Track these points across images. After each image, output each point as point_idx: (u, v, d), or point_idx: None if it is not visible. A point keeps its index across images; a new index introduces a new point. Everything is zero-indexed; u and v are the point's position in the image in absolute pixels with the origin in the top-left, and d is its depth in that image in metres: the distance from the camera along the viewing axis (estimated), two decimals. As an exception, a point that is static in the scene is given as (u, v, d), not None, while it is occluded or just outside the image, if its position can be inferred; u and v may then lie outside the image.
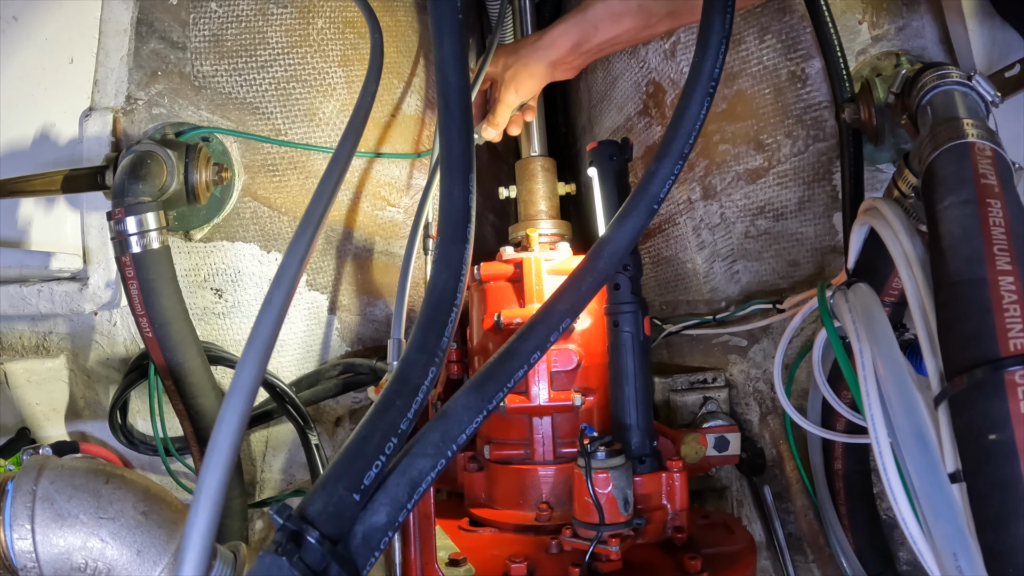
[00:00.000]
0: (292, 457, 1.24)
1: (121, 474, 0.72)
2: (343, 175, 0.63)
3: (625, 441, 0.93)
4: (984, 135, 0.69)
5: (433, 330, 0.59)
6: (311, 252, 0.57)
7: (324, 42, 1.16)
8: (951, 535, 0.55)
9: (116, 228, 0.96)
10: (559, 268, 1.11)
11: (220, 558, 0.69)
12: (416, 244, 1.07)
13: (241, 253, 1.15)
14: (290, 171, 1.16)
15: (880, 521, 1.07)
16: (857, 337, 0.72)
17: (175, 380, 0.99)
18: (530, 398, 1.02)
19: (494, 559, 0.89)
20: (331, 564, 0.50)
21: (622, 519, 0.86)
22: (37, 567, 0.66)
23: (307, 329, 1.21)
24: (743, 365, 1.18)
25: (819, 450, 1.08)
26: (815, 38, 1.06)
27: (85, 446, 1.14)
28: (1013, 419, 0.53)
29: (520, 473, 1.03)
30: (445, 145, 0.65)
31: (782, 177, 1.12)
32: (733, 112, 1.13)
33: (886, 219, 0.75)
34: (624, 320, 0.95)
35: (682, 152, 0.71)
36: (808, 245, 1.12)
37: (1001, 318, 0.56)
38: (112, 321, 1.13)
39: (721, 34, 0.73)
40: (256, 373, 0.50)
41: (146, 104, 1.10)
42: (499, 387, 0.60)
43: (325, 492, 0.52)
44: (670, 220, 1.25)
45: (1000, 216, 0.61)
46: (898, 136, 1.02)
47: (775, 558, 1.15)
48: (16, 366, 1.13)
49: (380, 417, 0.55)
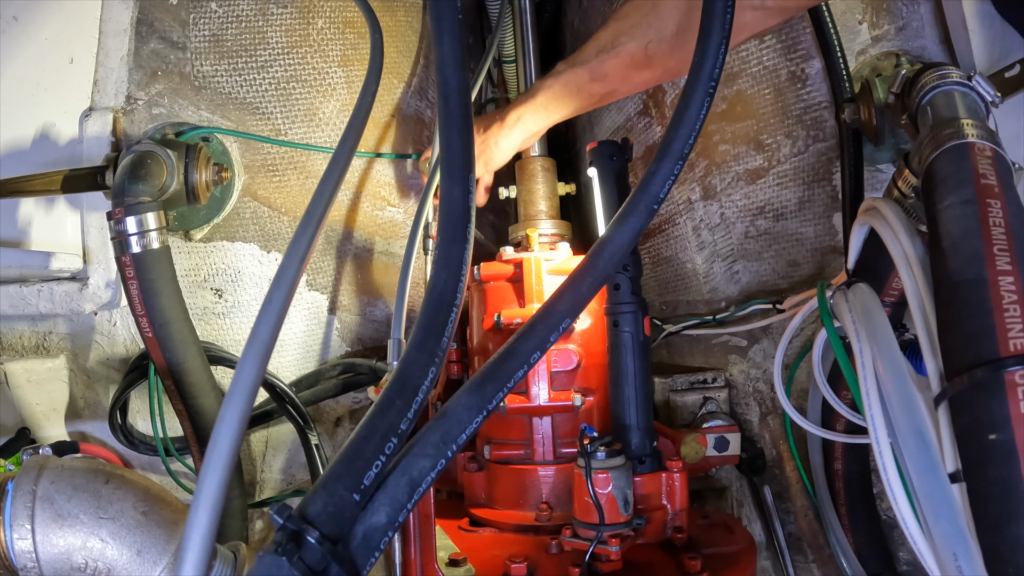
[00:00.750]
0: (292, 457, 1.24)
1: (121, 474, 0.72)
2: (343, 175, 0.63)
3: (625, 441, 0.93)
4: (984, 135, 0.69)
5: (433, 330, 0.59)
6: (311, 252, 0.57)
7: (324, 42, 1.16)
8: (951, 535, 0.55)
9: (116, 228, 0.96)
10: (559, 268, 1.11)
11: (220, 558, 0.69)
12: (416, 244, 1.07)
13: (241, 253, 1.15)
14: (290, 171, 1.16)
15: (880, 521, 1.07)
16: (857, 337, 0.72)
17: (175, 380, 0.99)
18: (530, 398, 1.02)
19: (494, 559, 0.89)
20: (331, 564, 0.50)
21: (622, 519, 0.86)
22: (37, 567, 0.66)
23: (307, 329, 1.21)
24: (743, 365, 1.18)
25: (819, 450, 1.08)
26: (815, 38, 1.06)
27: (85, 446, 1.14)
28: (1013, 419, 0.53)
29: (520, 473, 1.03)
30: (445, 145, 0.65)
31: (782, 177, 1.12)
32: (733, 112, 1.13)
33: (886, 219, 0.75)
34: (624, 320, 0.95)
35: (682, 152, 0.71)
36: (808, 245, 1.12)
37: (1001, 318, 0.56)
38: (112, 321, 1.13)
39: (721, 34, 0.73)
40: (256, 373, 0.50)
41: (146, 104, 1.10)
42: (499, 387, 0.60)
43: (325, 492, 0.52)
44: (670, 220, 1.25)
45: (1000, 216, 0.61)
46: (898, 136, 1.02)
47: (775, 558, 1.15)
48: (16, 366, 1.13)
49: (380, 417, 0.55)
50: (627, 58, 1.02)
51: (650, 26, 0.98)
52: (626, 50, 1.01)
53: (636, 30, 1.00)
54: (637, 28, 1.00)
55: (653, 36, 0.98)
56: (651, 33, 0.98)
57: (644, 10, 0.99)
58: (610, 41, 1.03)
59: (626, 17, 1.02)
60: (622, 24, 1.02)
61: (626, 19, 1.02)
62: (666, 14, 0.97)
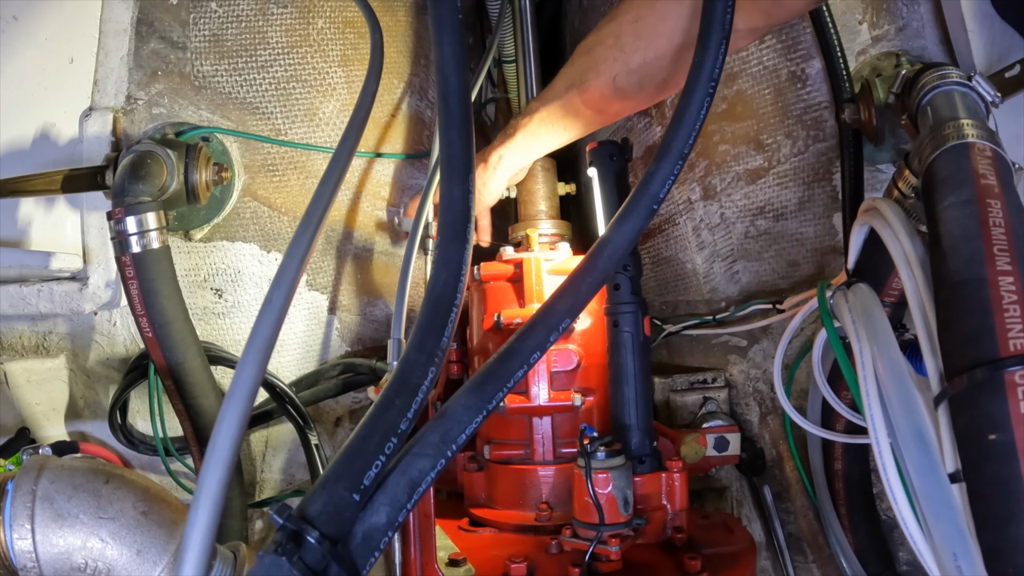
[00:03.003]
0: (292, 457, 1.24)
1: (121, 474, 0.72)
2: (343, 175, 0.63)
3: (625, 441, 0.93)
4: (984, 135, 0.69)
5: (433, 330, 0.59)
6: (311, 252, 0.57)
7: (324, 42, 1.16)
8: (951, 535, 0.55)
9: (116, 228, 0.96)
10: (559, 268, 1.11)
11: (220, 558, 0.69)
12: (416, 244, 1.07)
13: (241, 253, 1.15)
14: (290, 171, 1.16)
15: (880, 521, 1.07)
16: (857, 337, 0.72)
17: (175, 380, 0.99)
18: (530, 398, 1.02)
19: (494, 559, 0.89)
20: (331, 564, 0.50)
21: (622, 519, 0.86)
22: (37, 567, 0.66)
23: (307, 329, 1.21)
24: (743, 365, 1.18)
25: (819, 450, 1.08)
26: (815, 38, 1.06)
27: (85, 446, 1.14)
28: (1013, 419, 0.53)
29: (520, 473, 1.03)
30: (445, 145, 0.65)
31: (782, 177, 1.12)
32: (733, 112, 1.13)
33: (886, 219, 0.75)
34: (624, 320, 0.95)
35: (682, 152, 0.71)
36: (808, 245, 1.12)
37: (1001, 318, 0.56)
38: (112, 321, 1.13)
39: (721, 34, 0.73)
40: (256, 373, 0.50)
41: (146, 104, 1.10)
42: (499, 387, 0.60)
43: (325, 492, 0.52)
44: (670, 220, 1.25)
45: (1000, 216, 0.61)
46: (898, 136, 1.02)
47: (775, 558, 1.15)
48: (16, 366, 1.13)
49: (380, 417, 0.55)
50: (596, 93, 1.00)
51: (615, 60, 0.96)
52: (593, 85, 1.00)
53: (602, 65, 0.98)
54: (602, 63, 0.98)
55: (620, 69, 0.97)
56: (616, 67, 0.97)
57: (607, 43, 0.97)
58: (578, 76, 1.02)
59: (589, 52, 1.00)
60: (587, 59, 1.01)
61: (589, 54, 1.00)
62: (630, 47, 0.95)
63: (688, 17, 0.89)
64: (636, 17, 0.94)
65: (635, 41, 0.94)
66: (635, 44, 0.94)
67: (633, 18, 0.94)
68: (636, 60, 0.95)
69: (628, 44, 0.95)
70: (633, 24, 0.94)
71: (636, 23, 0.94)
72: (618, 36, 0.96)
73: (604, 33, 0.98)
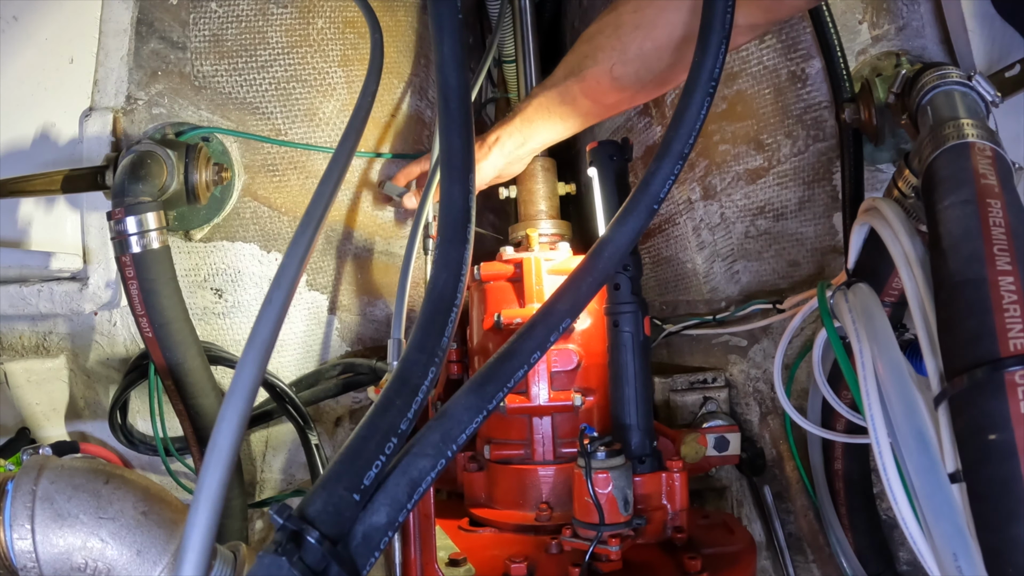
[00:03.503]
0: (292, 457, 1.24)
1: (121, 474, 0.72)
2: (343, 175, 0.63)
3: (625, 441, 0.93)
4: (984, 135, 0.69)
5: (433, 330, 0.59)
6: (311, 252, 0.57)
7: (324, 42, 1.16)
8: (951, 535, 0.55)
9: (116, 228, 0.96)
10: (559, 268, 1.11)
11: (220, 558, 0.69)
12: (416, 244, 1.07)
13: (241, 253, 1.15)
14: (290, 171, 1.16)
15: (880, 521, 1.07)
16: (857, 337, 0.72)
17: (175, 380, 0.99)
18: (530, 398, 1.02)
19: (494, 559, 0.89)
20: (331, 564, 0.50)
21: (622, 519, 0.86)
22: (37, 567, 0.66)
23: (307, 329, 1.21)
24: (743, 365, 1.18)
25: (819, 450, 1.08)
26: (815, 38, 1.06)
27: (85, 446, 1.14)
28: (1013, 419, 0.53)
29: (520, 473, 1.03)
30: (445, 145, 0.65)
31: (782, 177, 1.12)
32: (733, 112, 1.13)
33: (886, 219, 0.75)
34: (624, 320, 0.95)
35: (682, 152, 0.71)
36: (808, 245, 1.12)
37: (1001, 318, 0.56)
38: (112, 321, 1.13)
39: (721, 34, 0.73)
40: (256, 373, 0.50)
41: (146, 104, 1.10)
42: (499, 387, 0.60)
43: (325, 492, 0.52)
44: (670, 220, 1.25)
45: (1000, 216, 0.61)
46: (898, 136, 1.02)
47: (775, 558, 1.15)
48: (16, 366, 1.13)
49: (380, 417, 0.55)
50: (593, 82, 1.01)
51: (613, 48, 0.97)
52: (591, 74, 1.01)
53: (600, 53, 0.99)
54: (600, 51, 0.99)
55: (617, 59, 0.97)
56: (614, 56, 0.97)
57: (606, 32, 0.98)
58: (576, 64, 1.03)
59: (590, 40, 1.01)
60: (586, 47, 1.02)
61: (589, 42, 1.01)
62: (628, 36, 0.96)
63: (688, 11, 0.89)
64: (636, 7, 0.95)
65: (633, 31, 0.95)
66: (633, 34, 0.95)
67: (633, 8, 0.95)
68: (633, 49, 0.96)
69: (626, 33, 0.96)
70: (633, 14, 0.95)
71: (635, 13, 0.95)
72: (617, 25, 0.97)
73: (604, 22, 0.99)
